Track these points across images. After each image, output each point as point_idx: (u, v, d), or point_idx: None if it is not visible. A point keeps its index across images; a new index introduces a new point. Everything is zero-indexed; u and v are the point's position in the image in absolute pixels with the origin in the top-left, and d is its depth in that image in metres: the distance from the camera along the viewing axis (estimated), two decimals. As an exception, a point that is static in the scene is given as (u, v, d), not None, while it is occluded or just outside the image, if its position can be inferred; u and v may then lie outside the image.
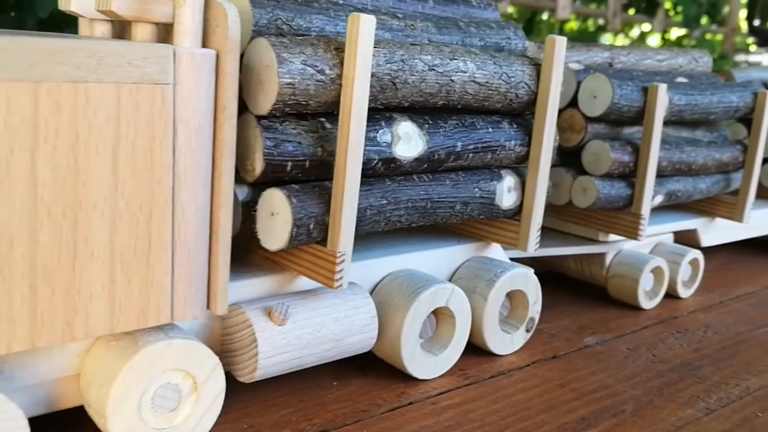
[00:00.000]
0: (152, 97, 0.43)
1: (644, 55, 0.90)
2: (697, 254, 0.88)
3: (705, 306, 0.87)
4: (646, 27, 5.03)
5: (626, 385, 0.64)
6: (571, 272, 0.89)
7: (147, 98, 0.43)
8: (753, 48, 4.86)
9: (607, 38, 4.64)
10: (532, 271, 0.71)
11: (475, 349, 0.67)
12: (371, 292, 0.62)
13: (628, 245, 0.85)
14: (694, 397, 0.62)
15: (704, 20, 4.88)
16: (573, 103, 0.79)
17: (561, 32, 5.13)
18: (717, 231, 0.98)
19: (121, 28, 0.50)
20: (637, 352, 0.72)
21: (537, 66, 0.65)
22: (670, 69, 0.92)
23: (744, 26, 4.83)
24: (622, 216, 0.81)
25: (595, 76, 0.77)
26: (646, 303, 0.84)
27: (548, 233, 0.87)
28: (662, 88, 0.77)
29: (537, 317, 0.70)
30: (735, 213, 0.94)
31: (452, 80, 0.59)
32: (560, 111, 0.81)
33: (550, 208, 0.87)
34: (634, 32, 5.19)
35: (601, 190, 0.78)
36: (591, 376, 0.65)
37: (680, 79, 0.89)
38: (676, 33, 5.06)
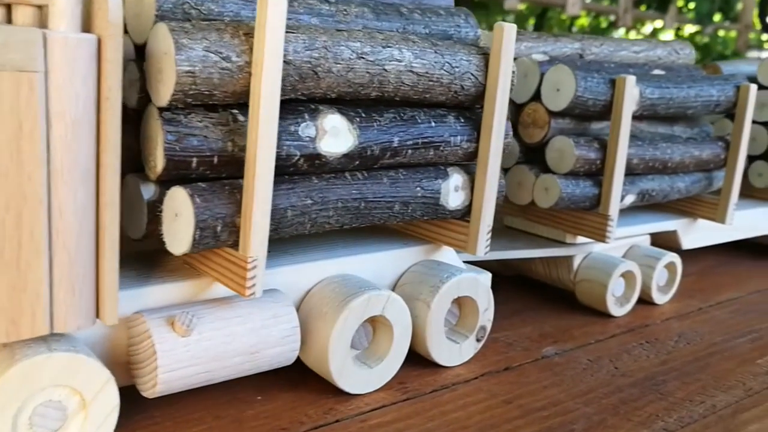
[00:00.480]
0: (17, 85, 0.39)
1: (619, 47, 0.85)
2: (674, 258, 0.83)
3: (681, 313, 0.81)
4: (658, 23, 4.95)
5: (579, 402, 0.59)
6: (538, 276, 0.84)
7: (10, 87, 0.39)
8: (767, 45, 4.77)
9: (618, 35, 4.57)
10: (486, 275, 0.66)
11: (420, 360, 0.63)
12: (302, 299, 0.57)
13: (598, 248, 0.80)
14: (652, 416, 0.57)
15: (717, 17, 4.80)
16: (536, 96, 0.74)
17: (571, 29, 5.07)
18: (699, 233, 0.93)
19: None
20: (599, 363, 0.66)
21: (485, 55, 0.60)
22: (648, 61, 0.87)
23: (757, 23, 4.74)
24: (590, 217, 0.76)
25: (558, 68, 0.72)
26: (616, 310, 0.78)
27: (514, 234, 0.82)
28: (630, 80, 0.72)
29: (489, 325, 0.65)
30: (717, 214, 0.89)
31: (385, 69, 0.54)
32: (523, 105, 0.76)
33: (516, 208, 0.82)
34: (646, 29, 5.10)
35: (564, 189, 0.73)
36: (543, 390, 0.60)
37: (657, 72, 0.84)
38: (688, 30, 4.98)
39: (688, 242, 0.92)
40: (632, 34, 4.88)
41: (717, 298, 0.88)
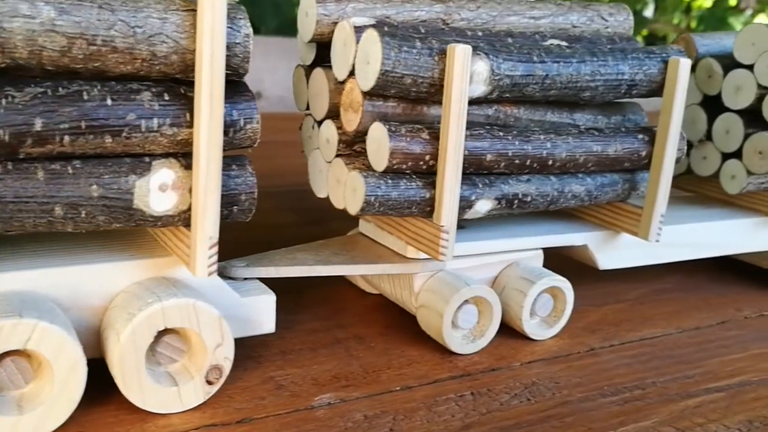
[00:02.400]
0: None
1: (507, 10, 0.67)
2: (559, 281, 0.64)
3: (559, 355, 0.63)
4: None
5: (288, 480, 0.44)
6: (387, 296, 0.68)
7: None
8: None
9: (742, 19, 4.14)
10: (258, 299, 0.53)
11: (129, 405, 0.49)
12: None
13: (453, 264, 0.63)
14: None
15: None
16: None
17: (689, 10, 4.66)
18: (624, 249, 0.73)
19: None
20: (373, 423, 0.50)
21: (191, 13, 0.46)
22: (554, 29, 0.68)
23: None
24: (428, 227, 0.59)
25: (368, 35, 0.56)
26: (463, 346, 0.61)
27: (355, 243, 0.67)
28: (462, 50, 0.54)
29: (227, 365, 0.51)
30: (640, 227, 0.69)
31: (4, 28, 0.41)
32: (342, 82, 0.60)
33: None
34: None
35: (372, 191, 0.57)
36: (255, 459, 0.46)
37: (551, 42, 0.65)
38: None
39: (606, 261, 0.72)
40: (761, 18, 4.43)
41: (629, 335, 0.68)
